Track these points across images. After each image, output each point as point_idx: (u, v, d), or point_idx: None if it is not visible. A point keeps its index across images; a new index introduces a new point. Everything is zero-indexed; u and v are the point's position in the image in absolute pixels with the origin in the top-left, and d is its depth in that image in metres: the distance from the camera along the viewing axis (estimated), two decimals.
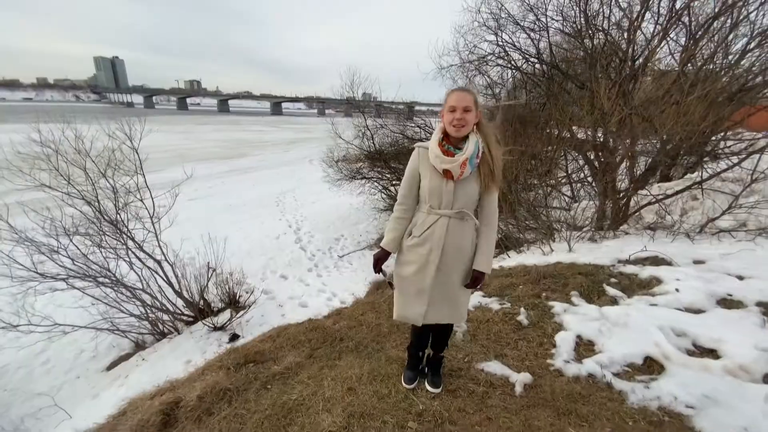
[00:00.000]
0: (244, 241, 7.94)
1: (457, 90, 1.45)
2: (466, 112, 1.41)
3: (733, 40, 5.01)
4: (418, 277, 1.54)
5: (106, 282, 4.00)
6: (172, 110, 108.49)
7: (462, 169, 1.42)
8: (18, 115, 51.65)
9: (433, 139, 1.51)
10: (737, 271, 2.27)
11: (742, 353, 1.54)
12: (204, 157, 22.39)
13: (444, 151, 1.44)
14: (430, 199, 1.51)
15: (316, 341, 2.32)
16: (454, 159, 1.42)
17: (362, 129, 8.05)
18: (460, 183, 1.46)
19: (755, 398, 1.30)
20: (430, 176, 1.50)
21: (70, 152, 3.88)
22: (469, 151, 1.42)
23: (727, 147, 4.99)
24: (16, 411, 3.64)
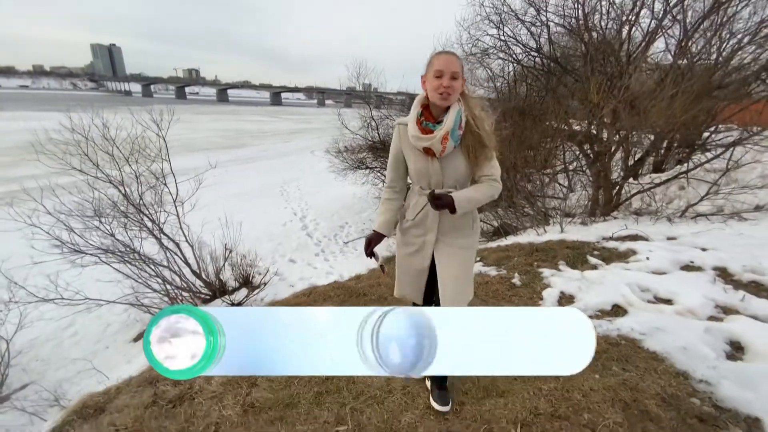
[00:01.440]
0: (252, 228, 8.24)
1: (443, 53, 1.27)
2: (454, 79, 1.24)
3: (727, 38, 5.28)
4: (416, 258, 1.50)
5: (132, 260, 4.32)
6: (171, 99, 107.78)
7: (443, 145, 1.28)
8: (15, 103, 51.44)
9: (411, 114, 1.36)
10: (703, 245, 2.60)
11: (691, 301, 1.87)
12: (205, 147, 22.55)
13: (422, 129, 1.30)
14: (419, 180, 1.41)
15: (343, 296, 2.78)
16: (432, 135, 1.27)
17: (367, 120, 8.31)
18: (446, 159, 1.33)
19: (696, 329, 1.63)
20: (414, 156, 1.38)
21: (98, 139, 4.16)
22: (449, 124, 1.26)
23: (717, 140, 5.30)
24: (51, 377, 3.98)
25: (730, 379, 1.37)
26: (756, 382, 1.34)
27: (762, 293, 1.96)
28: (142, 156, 4.42)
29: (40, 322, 4.57)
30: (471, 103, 1.33)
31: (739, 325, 1.64)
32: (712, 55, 5.27)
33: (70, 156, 4.11)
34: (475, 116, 1.32)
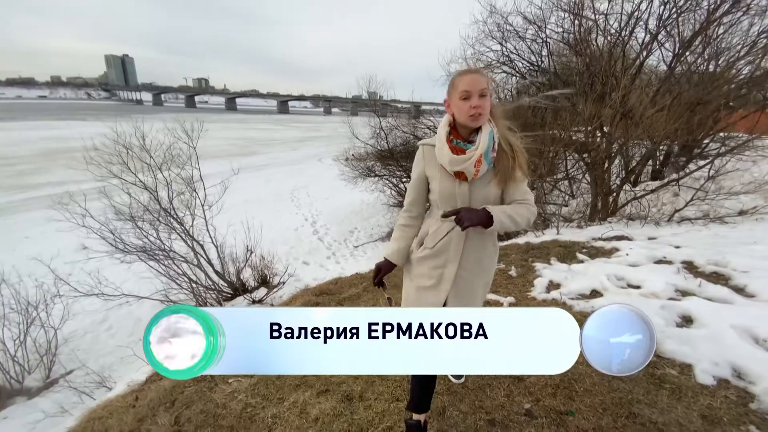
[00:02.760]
0: (267, 231, 8.65)
1: (467, 72, 1.18)
2: (482, 97, 1.15)
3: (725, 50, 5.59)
4: (430, 294, 1.33)
5: (164, 258, 4.72)
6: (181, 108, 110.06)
7: (477, 168, 1.19)
8: (35, 113, 53.22)
9: (439, 134, 1.27)
10: (677, 243, 2.93)
11: (655, 286, 2.21)
12: (216, 155, 23.19)
13: (452, 148, 1.21)
14: (443, 205, 1.28)
15: (366, 284, 3.17)
16: (466, 157, 1.18)
17: (377, 129, 8.73)
18: (476, 183, 1.23)
19: (654, 306, 1.96)
20: (440, 178, 1.27)
21: (136, 149, 4.60)
22: (484, 145, 1.17)
23: (714, 149, 5.60)
24: (93, 363, 4.37)
25: (673, 339, 1.71)
26: (694, 341, 1.68)
27: (720, 281, 2.28)
28: (174, 164, 4.86)
29: (78, 316, 4.97)
30: (501, 122, 1.26)
31: (692, 304, 1.95)
32: (709, 66, 5.59)
33: (111, 164, 4.55)
34: (507, 136, 1.24)
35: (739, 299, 1.99)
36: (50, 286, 4.33)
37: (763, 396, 1.47)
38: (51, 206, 4.47)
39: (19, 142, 22.77)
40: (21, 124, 34.75)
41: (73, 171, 4.40)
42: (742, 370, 1.59)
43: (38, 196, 11.16)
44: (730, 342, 1.63)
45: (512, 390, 1.64)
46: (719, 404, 1.48)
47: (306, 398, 1.71)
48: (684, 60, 5.72)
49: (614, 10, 5.45)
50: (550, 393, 1.59)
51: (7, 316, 3.97)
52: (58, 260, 4.65)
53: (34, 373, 3.96)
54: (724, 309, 1.86)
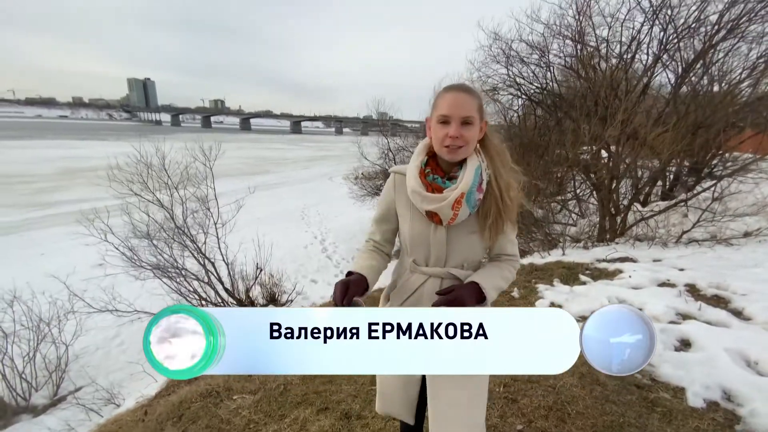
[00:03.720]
0: (276, 249, 8.80)
1: (451, 89, 0.94)
2: (466, 125, 0.92)
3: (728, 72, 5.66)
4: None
5: (176, 276, 4.85)
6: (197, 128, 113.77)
7: (455, 211, 0.94)
8: (55, 132, 55.74)
9: (411, 162, 1.03)
10: (681, 266, 2.92)
11: (656, 308, 2.21)
12: (229, 173, 23.79)
13: (428, 185, 0.97)
14: (413, 252, 1.05)
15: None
16: (443, 196, 0.94)
17: (385, 150, 8.94)
18: (455, 229, 1.00)
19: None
20: (411, 217, 1.03)
21: (156, 168, 4.83)
22: (466, 183, 0.93)
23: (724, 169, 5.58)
24: (103, 380, 4.45)
25: (669, 363, 1.72)
26: (689, 365, 1.68)
27: (720, 305, 2.28)
28: (190, 183, 5.06)
29: (91, 332, 5.10)
30: (496, 156, 1.00)
31: (691, 327, 1.96)
32: (713, 88, 5.65)
33: (132, 183, 4.77)
34: (500, 175, 0.98)
35: (736, 322, 1.99)
36: (64, 302, 4.46)
37: (749, 418, 1.49)
38: (78, 221, 4.66)
39: (37, 160, 23.58)
40: (40, 142, 36.19)
41: (92, 189, 4.63)
42: (731, 393, 1.60)
43: (56, 214, 11.56)
44: (723, 365, 1.64)
45: (505, 411, 1.66)
46: (706, 426, 1.50)
47: (306, 415, 1.76)
48: (688, 81, 5.80)
49: (615, 37, 5.59)
50: (543, 415, 1.61)
51: (17, 333, 4.05)
52: (74, 277, 4.82)
53: (42, 390, 4.01)
54: (720, 332, 1.87)
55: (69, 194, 14.63)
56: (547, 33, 6.37)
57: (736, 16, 4.61)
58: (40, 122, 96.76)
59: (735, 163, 4.31)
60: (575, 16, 5.85)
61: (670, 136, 3.95)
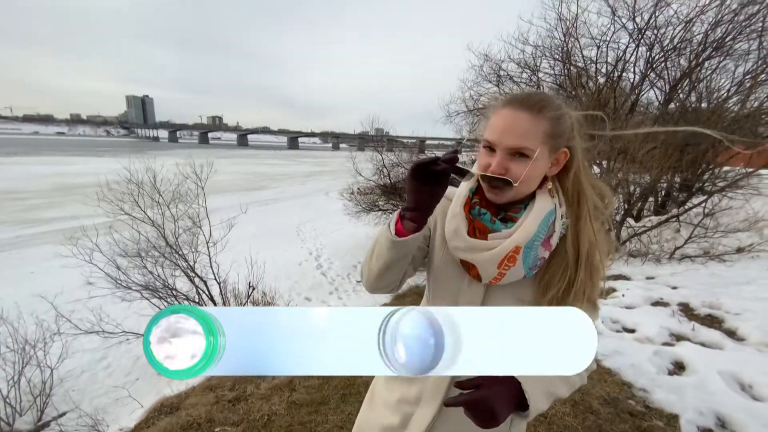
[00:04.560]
0: (271, 266, 8.69)
1: (510, 104, 0.67)
2: (517, 157, 0.66)
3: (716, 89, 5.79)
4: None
5: (167, 296, 4.76)
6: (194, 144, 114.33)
7: (502, 270, 0.68)
8: (52, 149, 55.81)
9: (459, 191, 0.77)
10: (674, 283, 2.91)
11: (649, 329, 2.18)
12: (226, 189, 23.75)
13: (470, 221, 0.72)
14: (437, 299, 0.82)
15: None
16: (488, 245, 0.68)
17: (380, 167, 8.99)
18: (499, 290, 0.74)
19: (646, 352, 1.93)
20: (443, 256, 0.79)
21: (147, 187, 4.80)
22: (527, 234, 0.66)
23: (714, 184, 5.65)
24: (87, 405, 4.29)
25: (662, 388, 1.68)
26: (682, 389, 1.64)
27: (714, 325, 2.25)
28: (182, 202, 5.03)
29: (77, 354, 4.95)
30: (582, 202, 0.70)
31: (685, 350, 1.93)
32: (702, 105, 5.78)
33: (122, 202, 4.73)
34: (582, 230, 0.68)
35: (730, 343, 1.97)
36: (50, 323, 4.36)
37: None
38: (61, 241, 4.60)
39: (32, 176, 23.43)
40: (36, 159, 36.09)
41: (86, 205, 4.56)
42: (725, 419, 1.56)
43: (48, 231, 11.40)
44: (716, 389, 1.60)
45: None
46: None
47: None
48: (676, 98, 5.93)
49: (602, 57, 5.74)
50: None
51: (3, 355, 3.94)
52: (62, 297, 4.72)
53: (26, 416, 3.88)
54: (714, 354, 1.85)
55: (62, 211, 14.46)
56: (536, 54, 6.53)
57: (721, 34, 4.75)
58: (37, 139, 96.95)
59: (725, 179, 4.35)
60: (562, 38, 6.02)
61: (659, 153, 4.00)
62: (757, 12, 4.16)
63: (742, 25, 4.54)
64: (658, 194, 6.85)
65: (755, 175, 4.18)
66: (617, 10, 5.40)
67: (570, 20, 5.84)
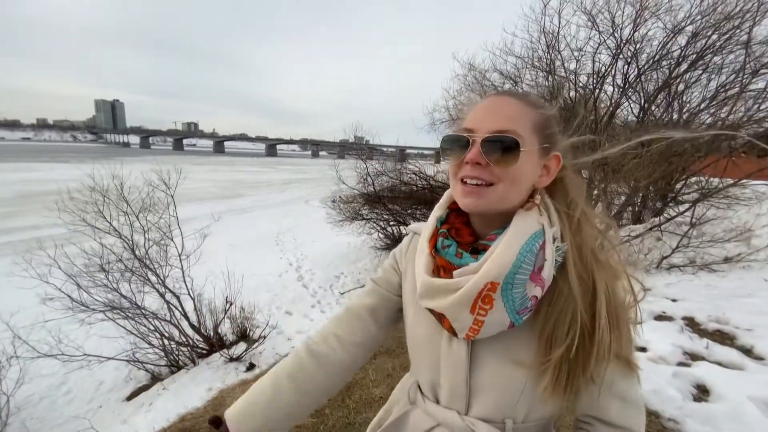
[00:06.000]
0: (248, 278, 8.29)
1: (493, 94, 0.58)
2: (499, 150, 0.51)
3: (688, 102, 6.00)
4: None
5: (134, 315, 4.37)
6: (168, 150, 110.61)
7: (478, 317, 0.51)
8: (16, 155, 52.57)
9: (430, 217, 0.64)
10: (673, 295, 2.88)
11: (662, 348, 2.10)
12: (201, 197, 22.91)
13: (434, 257, 0.58)
14: (417, 370, 0.66)
15: None
16: (454, 284, 0.52)
17: (364, 175, 8.83)
18: (487, 346, 0.56)
19: (664, 374, 1.83)
20: (416, 311, 0.64)
21: (113, 196, 4.42)
22: (500, 265, 0.49)
23: (687, 193, 5.81)
24: None
25: (693, 418, 1.57)
26: (716, 420, 1.54)
27: (726, 341, 2.20)
28: (151, 212, 4.67)
29: (35, 380, 4.46)
30: (584, 221, 0.55)
31: (704, 370, 1.85)
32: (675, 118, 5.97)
33: (85, 213, 4.33)
34: (587, 256, 0.53)
35: (750, 364, 1.90)
36: (6, 346, 3.91)
37: None
38: (19, 254, 4.15)
39: None
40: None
41: (48, 215, 4.12)
42: None
43: (9, 242, 10.53)
44: (752, 419, 1.50)
45: None
46: None
47: None
48: (651, 112, 6.12)
49: (583, 70, 5.84)
50: None
51: None
52: (19, 316, 4.24)
53: None
54: (738, 376, 1.77)
55: (23, 221, 13.47)
56: (520, 64, 6.60)
57: (700, 49, 4.90)
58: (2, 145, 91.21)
59: (708, 188, 4.45)
60: (545, 50, 6.10)
61: (637, 164, 4.05)
62: (741, 24, 4.32)
63: (718, 41, 4.71)
64: (636, 203, 7.02)
65: (739, 185, 4.29)
66: (599, 25, 5.52)
67: (552, 33, 5.93)
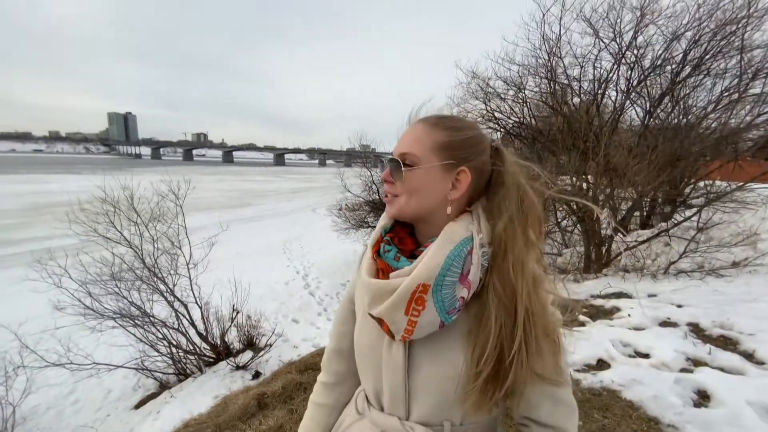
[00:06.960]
0: (255, 286, 8.36)
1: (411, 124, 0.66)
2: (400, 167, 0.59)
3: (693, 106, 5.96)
4: None
5: (143, 323, 4.44)
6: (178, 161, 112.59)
7: (412, 317, 0.54)
8: (28, 167, 54.08)
9: (377, 226, 0.68)
10: (679, 301, 2.84)
11: (665, 354, 2.07)
12: (210, 207, 23.21)
13: (376, 261, 0.62)
14: (365, 378, 0.68)
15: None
16: (390, 285, 0.56)
17: (369, 183, 8.91)
18: (423, 347, 0.59)
19: (667, 380, 1.82)
20: (361, 319, 0.68)
21: (124, 207, 4.53)
22: (428, 268, 0.53)
23: (695, 197, 5.74)
24: None
25: (693, 424, 1.55)
26: (714, 425, 1.52)
27: (729, 347, 2.17)
28: (160, 222, 4.77)
29: (42, 389, 4.54)
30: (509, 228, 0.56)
31: (706, 376, 1.83)
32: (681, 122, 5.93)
33: (96, 223, 4.44)
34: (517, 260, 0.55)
35: (751, 368, 1.87)
36: (13, 356, 3.99)
37: None
38: (29, 264, 4.26)
39: (5, 195, 22.48)
40: (10, 177, 34.80)
41: (59, 226, 4.24)
42: None
43: (18, 253, 10.78)
44: (751, 423, 1.48)
45: None
46: None
47: None
48: (656, 116, 6.08)
49: (586, 76, 5.85)
50: None
51: None
52: (28, 326, 4.34)
53: None
54: (738, 381, 1.75)
55: (35, 231, 13.77)
56: (522, 72, 6.63)
57: (701, 53, 4.89)
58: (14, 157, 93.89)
59: (714, 192, 4.40)
60: (547, 57, 6.14)
61: (643, 167, 4.03)
62: (735, 30, 4.31)
63: (720, 44, 4.70)
64: (643, 208, 6.94)
65: (745, 189, 4.24)
66: (599, 30, 5.55)
67: (554, 40, 5.97)
